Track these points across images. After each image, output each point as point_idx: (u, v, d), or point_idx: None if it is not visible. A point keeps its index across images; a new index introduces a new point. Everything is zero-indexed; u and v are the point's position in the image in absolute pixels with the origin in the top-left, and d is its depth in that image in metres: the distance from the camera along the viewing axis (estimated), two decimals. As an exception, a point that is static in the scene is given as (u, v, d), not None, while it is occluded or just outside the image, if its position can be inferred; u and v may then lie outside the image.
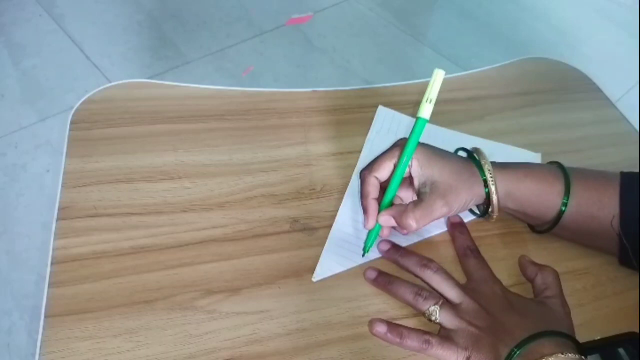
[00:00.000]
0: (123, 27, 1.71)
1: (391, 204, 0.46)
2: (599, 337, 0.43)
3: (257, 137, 0.55)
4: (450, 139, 0.57)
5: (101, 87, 0.56)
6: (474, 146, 0.49)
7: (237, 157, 0.53)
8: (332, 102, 0.60)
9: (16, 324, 1.05)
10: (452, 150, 0.49)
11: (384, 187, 0.46)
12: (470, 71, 0.67)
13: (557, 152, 0.58)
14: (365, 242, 0.46)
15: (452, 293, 0.42)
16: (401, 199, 0.48)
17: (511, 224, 0.51)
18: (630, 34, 1.93)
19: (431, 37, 1.86)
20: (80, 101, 0.55)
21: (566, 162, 0.47)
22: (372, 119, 0.58)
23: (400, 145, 0.45)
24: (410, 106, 0.60)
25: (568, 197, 0.45)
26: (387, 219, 0.45)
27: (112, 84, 0.57)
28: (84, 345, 0.38)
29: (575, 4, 2.12)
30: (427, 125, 0.57)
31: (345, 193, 0.51)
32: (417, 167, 0.45)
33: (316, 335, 0.41)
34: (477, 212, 0.50)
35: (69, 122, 0.53)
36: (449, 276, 0.43)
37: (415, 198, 0.46)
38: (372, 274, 0.45)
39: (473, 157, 0.46)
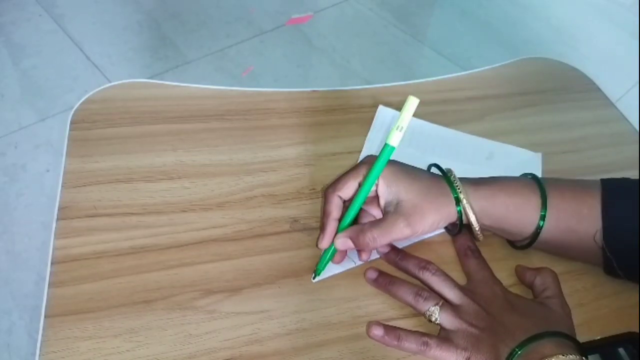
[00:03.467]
0: (123, 27, 1.71)
1: (351, 225, 0.44)
2: (599, 337, 0.43)
3: (257, 137, 0.55)
4: (451, 139, 0.57)
5: (101, 87, 0.56)
6: (431, 163, 0.47)
7: (237, 157, 0.53)
8: (332, 102, 0.60)
9: (16, 324, 1.05)
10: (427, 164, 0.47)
11: (347, 205, 0.45)
12: (470, 71, 0.67)
13: (557, 152, 0.58)
14: (318, 265, 0.44)
15: (452, 294, 0.42)
16: (374, 217, 0.46)
17: (511, 224, 0.50)
18: (630, 34, 1.93)
19: (431, 37, 1.86)
20: (80, 101, 0.55)
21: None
22: (372, 119, 0.58)
23: (367, 163, 0.44)
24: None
25: (545, 211, 0.43)
26: (343, 241, 0.43)
27: (112, 84, 0.57)
28: (84, 345, 0.38)
29: (575, 4, 2.12)
30: (428, 125, 0.57)
31: None
32: (383, 185, 0.43)
33: (316, 335, 0.41)
34: (451, 231, 0.48)
35: (69, 122, 0.53)
36: (448, 277, 0.43)
37: None
38: (373, 275, 0.45)
39: (445, 175, 0.45)
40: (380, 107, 0.59)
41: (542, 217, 0.43)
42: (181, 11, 1.80)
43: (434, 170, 0.47)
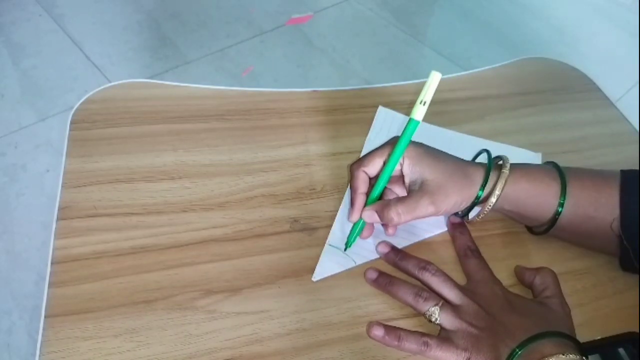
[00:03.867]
0: (123, 27, 1.71)
1: (378, 200, 0.46)
2: (599, 337, 0.43)
3: (257, 137, 0.55)
4: (451, 140, 0.57)
5: (101, 87, 0.56)
6: (483, 148, 0.48)
7: (237, 157, 0.53)
8: (332, 102, 0.60)
9: (16, 324, 1.05)
10: (461, 152, 0.48)
11: (373, 183, 0.46)
12: (470, 71, 0.67)
13: (557, 152, 0.58)
14: (349, 237, 0.46)
15: (452, 294, 0.42)
16: (397, 196, 0.48)
17: (511, 224, 0.51)
18: (630, 34, 1.93)
19: (431, 37, 1.86)
20: (80, 101, 0.55)
21: (566, 162, 0.47)
22: (372, 119, 0.58)
23: (392, 143, 0.45)
24: (410, 106, 0.60)
25: (565, 198, 0.44)
26: (370, 214, 0.45)
27: (112, 84, 0.57)
28: (84, 345, 0.38)
29: (575, 3, 2.12)
30: (428, 125, 0.57)
31: (346, 193, 0.51)
32: (408, 165, 0.45)
33: (316, 335, 0.41)
34: (460, 213, 0.49)
35: (69, 122, 0.53)
36: (448, 278, 0.43)
37: None
38: (373, 275, 0.45)
39: (489, 158, 0.46)
40: (380, 107, 0.59)
41: (561, 204, 0.44)
42: (181, 11, 1.80)
43: (480, 158, 0.48)
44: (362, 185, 0.46)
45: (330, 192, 0.51)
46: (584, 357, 0.36)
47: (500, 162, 0.46)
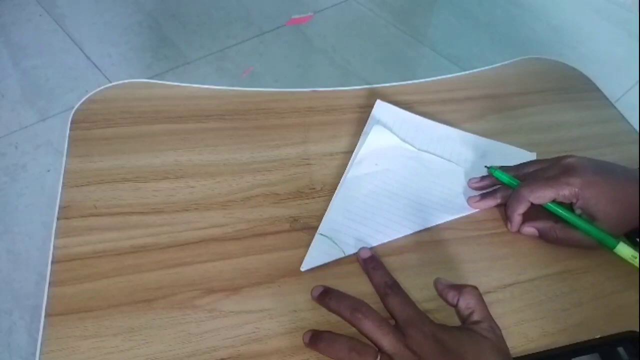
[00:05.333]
0: (123, 27, 1.71)
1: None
2: (598, 337, 0.43)
3: (257, 137, 0.55)
4: (446, 135, 0.57)
5: (101, 87, 0.56)
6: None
7: (237, 157, 0.53)
8: (332, 102, 0.60)
9: (16, 323, 1.05)
10: None
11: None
12: (470, 71, 0.67)
13: (556, 152, 0.57)
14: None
15: (385, 341, 0.38)
16: None
17: (511, 223, 0.51)
18: (630, 34, 1.94)
19: (431, 37, 1.86)
20: (81, 101, 0.55)
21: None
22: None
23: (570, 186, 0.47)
24: (410, 106, 0.60)
25: None
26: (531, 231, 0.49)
27: (112, 84, 0.57)
28: (84, 344, 0.39)
29: (575, 4, 2.12)
30: (425, 120, 0.58)
31: (340, 182, 0.51)
32: (581, 202, 0.47)
33: (316, 334, 0.41)
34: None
35: (69, 122, 0.53)
36: (382, 321, 0.39)
37: None
38: (306, 337, 0.40)
39: None
40: (378, 101, 0.59)
41: None
42: (181, 11, 1.80)
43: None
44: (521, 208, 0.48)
45: (330, 192, 0.51)
46: None
47: None
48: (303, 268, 0.45)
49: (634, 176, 0.48)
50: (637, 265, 0.47)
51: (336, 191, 0.51)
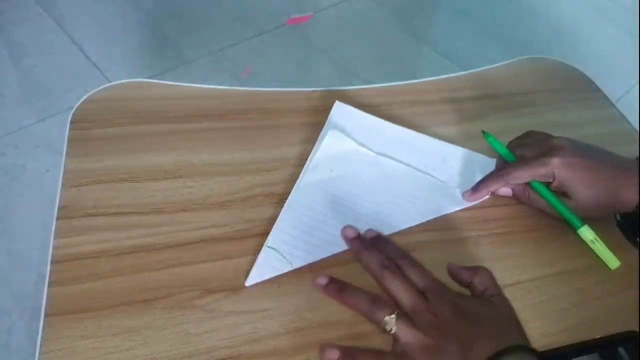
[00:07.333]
0: (123, 27, 1.71)
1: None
2: (598, 336, 0.43)
3: (257, 137, 0.55)
4: (407, 140, 0.56)
5: (101, 87, 0.56)
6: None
7: (237, 157, 0.53)
8: (332, 102, 0.60)
9: (16, 323, 1.05)
10: None
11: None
12: (470, 71, 0.67)
13: (556, 152, 0.57)
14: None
15: (407, 300, 0.38)
16: None
17: (511, 223, 0.51)
18: (630, 34, 1.93)
19: (431, 37, 1.86)
20: (80, 101, 0.55)
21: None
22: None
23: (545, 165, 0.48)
24: (410, 106, 0.60)
25: None
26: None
27: (112, 84, 0.57)
28: (83, 344, 0.38)
29: (575, 4, 2.12)
30: (384, 123, 0.58)
31: (290, 195, 0.49)
32: (559, 180, 0.48)
33: (316, 334, 0.41)
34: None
35: (68, 122, 0.53)
36: (407, 282, 0.39)
37: None
38: (323, 281, 0.41)
39: None
40: (337, 102, 0.57)
41: None
42: (181, 11, 1.80)
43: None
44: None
45: (329, 192, 0.51)
46: None
47: None
48: (248, 283, 0.43)
49: (619, 162, 0.49)
50: (595, 249, 0.48)
51: (287, 200, 0.49)
